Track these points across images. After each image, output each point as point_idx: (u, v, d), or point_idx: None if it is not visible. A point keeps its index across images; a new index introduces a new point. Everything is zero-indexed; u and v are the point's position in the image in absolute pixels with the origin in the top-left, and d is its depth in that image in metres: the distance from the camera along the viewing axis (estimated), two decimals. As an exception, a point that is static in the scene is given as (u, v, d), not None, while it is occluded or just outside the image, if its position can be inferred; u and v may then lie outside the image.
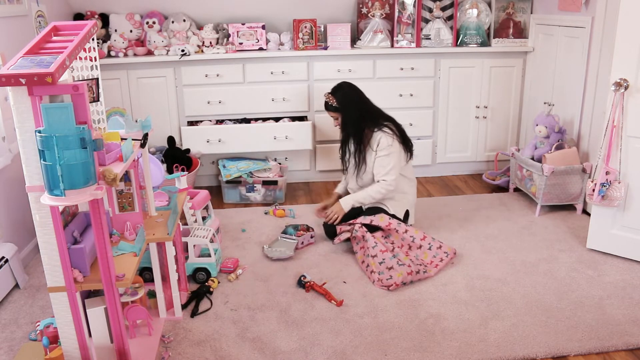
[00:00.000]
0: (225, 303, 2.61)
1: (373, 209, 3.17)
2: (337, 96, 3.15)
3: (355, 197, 3.15)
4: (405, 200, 3.23)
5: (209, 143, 3.91)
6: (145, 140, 2.22)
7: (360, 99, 3.19)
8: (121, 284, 1.92)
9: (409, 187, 3.26)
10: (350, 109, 3.13)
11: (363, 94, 3.22)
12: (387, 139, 3.08)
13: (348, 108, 3.13)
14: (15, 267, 2.77)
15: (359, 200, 3.15)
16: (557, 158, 3.45)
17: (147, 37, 3.98)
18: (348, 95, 3.16)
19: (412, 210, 3.29)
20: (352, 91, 3.19)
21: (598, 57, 3.39)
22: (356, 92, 3.20)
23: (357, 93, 3.20)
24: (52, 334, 2.22)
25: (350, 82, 3.24)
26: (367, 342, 2.30)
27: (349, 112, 3.13)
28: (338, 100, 3.14)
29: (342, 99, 3.14)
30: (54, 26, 2.05)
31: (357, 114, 3.12)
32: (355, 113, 3.12)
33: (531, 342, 2.28)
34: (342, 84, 3.22)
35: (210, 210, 3.32)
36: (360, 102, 3.18)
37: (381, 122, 3.13)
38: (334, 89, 3.19)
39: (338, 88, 3.19)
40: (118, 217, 2.24)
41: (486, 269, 2.88)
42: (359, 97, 3.20)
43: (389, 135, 3.08)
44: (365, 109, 3.17)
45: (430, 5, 4.12)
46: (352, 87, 3.21)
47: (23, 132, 1.73)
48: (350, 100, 3.15)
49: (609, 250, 2.98)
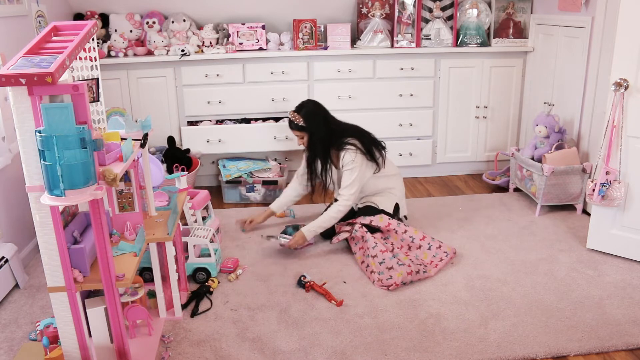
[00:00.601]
0: (225, 303, 2.62)
1: (366, 208, 3.17)
2: (302, 114, 3.10)
3: (316, 223, 3.06)
4: (392, 195, 3.24)
5: (209, 143, 3.91)
6: (145, 140, 2.22)
7: (325, 117, 3.15)
8: (121, 284, 1.92)
9: (394, 182, 3.26)
10: (316, 128, 3.09)
11: (327, 111, 3.18)
12: (350, 155, 3.05)
13: (314, 127, 3.09)
14: (15, 267, 2.77)
15: (321, 226, 3.07)
16: (557, 158, 3.46)
17: (147, 37, 3.98)
18: (313, 113, 3.12)
19: (402, 202, 3.29)
20: (317, 109, 3.15)
21: (598, 57, 3.39)
22: (321, 110, 3.16)
23: (322, 111, 3.16)
24: (52, 334, 2.22)
25: (315, 100, 3.22)
26: (367, 342, 2.30)
27: (315, 131, 3.09)
28: (304, 118, 3.09)
29: (308, 118, 3.09)
30: (54, 26, 2.04)
31: (322, 133, 3.09)
32: (321, 131, 3.09)
33: (531, 342, 2.28)
34: (306, 102, 3.19)
35: (210, 210, 3.32)
36: (325, 120, 3.13)
37: (345, 140, 3.08)
38: (298, 107, 3.15)
39: (302, 106, 3.15)
40: (118, 217, 2.24)
41: (486, 269, 2.88)
42: (324, 115, 3.15)
43: (351, 151, 3.05)
44: (331, 128, 3.13)
45: (430, 5, 4.12)
46: (317, 105, 3.18)
47: (23, 132, 1.73)
48: (315, 119, 3.10)
49: (609, 250, 2.98)
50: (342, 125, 3.19)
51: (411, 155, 4.25)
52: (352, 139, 3.10)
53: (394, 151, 4.17)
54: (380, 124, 3.47)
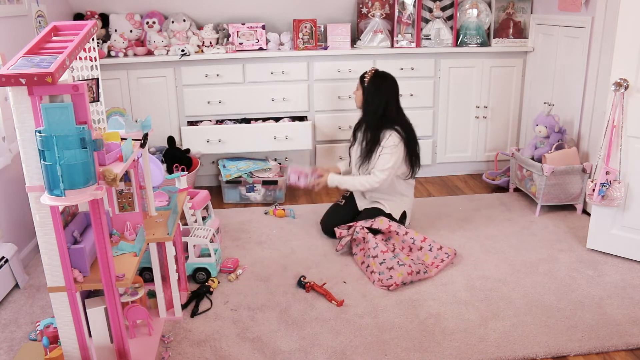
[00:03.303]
0: (225, 303, 2.61)
1: (371, 210, 3.17)
2: (375, 81, 3.09)
3: (342, 180, 3.22)
4: (402, 202, 3.24)
5: (209, 143, 3.91)
6: (145, 140, 2.21)
7: (389, 98, 3.10)
8: (121, 284, 1.92)
9: (408, 190, 3.27)
10: (375, 100, 3.08)
11: (397, 94, 3.15)
12: (395, 139, 3.06)
13: (373, 97, 3.08)
14: (15, 267, 2.77)
15: (344, 185, 3.22)
16: (557, 158, 3.45)
17: (147, 37, 3.98)
18: (383, 87, 3.09)
19: (409, 212, 3.29)
20: (390, 86, 3.12)
21: (598, 57, 3.39)
22: (392, 89, 3.12)
23: (393, 90, 3.12)
24: (52, 334, 2.22)
25: (396, 82, 3.15)
26: (367, 342, 2.30)
27: (372, 102, 3.08)
28: (374, 84, 3.09)
29: (376, 87, 3.08)
30: (54, 26, 2.05)
31: (379, 109, 3.07)
32: (377, 107, 3.07)
33: (531, 342, 2.28)
34: (388, 76, 3.14)
35: (210, 210, 3.32)
36: (387, 100, 3.09)
37: (397, 126, 3.08)
38: (380, 74, 3.13)
39: (383, 76, 3.12)
40: (118, 217, 2.24)
41: (486, 269, 2.88)
42: (391, 95, 3.11)
43: (398, 136, 3.07)
44: (389, 109, 3.10)
45: (430, 5, 4.12)
46: (393, 83, 3.13)
47: (23, 132, 1.73)
48: (380, 93, 3.08)
49: (609, 250, 2.98)
50: (400, 113, 3.16)
51: (411, 155, 4.25)
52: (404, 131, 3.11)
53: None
54: (380, 124, 3.51)
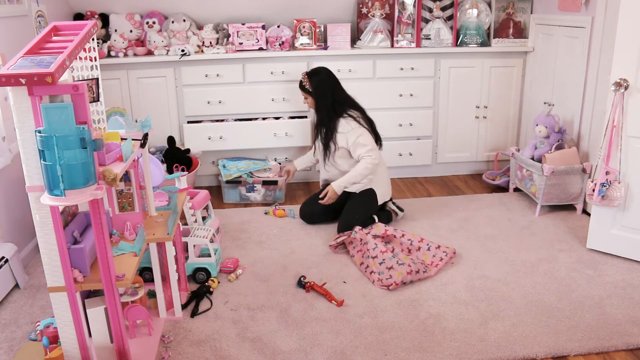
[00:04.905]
0: (225, 303, 2.62)
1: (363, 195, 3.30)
2: (312, 80, 3.30)
3: (345, 180, 3.25)
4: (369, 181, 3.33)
5: (210, 140, 3.92)
6: (145, 140, 2.21)
7: (333, 88, 3.31)
8: (121, 284, 1.92)
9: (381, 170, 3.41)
10: (322, 96, 3.28)
11: (338, 83, 3.35)
12: (350, 122, 3.24)
13: (320, 94, 3.30)
14: (15, 267, 2.77)
15: (350, 181, 3.26)
16: (557, 158, 3.45)
17: (147, 37, 3.98)
18: (323, 83, 3.30)
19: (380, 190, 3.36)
20: (328, 78, 3.33)
21: (598, 57, 3.39)
22: (331, 81, 3.33)
23: (332, 81, 3.33)
24: (52, 334, 2.22)
25: (328, 69, 3.37)
26: (367, 342, 2.30)
27: (321, 99, 3.29)
28: (313, 84, 3.29)
29: (317, 85, 3.29)
30: (54, 26, 2.05)
31: (328, 101, 3.27)
32: (327, 100, 3.27)
33: (531, 342, 2.28)
34: (320, 70, 3.37)
35: (210, 210, 3.32)
36: (332, 91, 3.30)
37: (345, 109, 3.28)
38: (312, 72, 3.35)
39: (316, 73, 3.34)
40: (118, 217, 2.24)
41: (486, 269, 2.88)
42: (333, 85, 3.32)
43: (348, 119, 3.25)
44: (337, 99, 3.30)
45: (430, 5, 4.12)
46: (329, 74, 3.34)
47: (23, 132, 1.73)
48: (323, 88, 3.29)
49: (609, 250, 2.98)
50: (348, 99, 3.36)
51: (411, 155, 4.25)
52: (352, 111, 3.30)
53: (394, 151, 4.18)
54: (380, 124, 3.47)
